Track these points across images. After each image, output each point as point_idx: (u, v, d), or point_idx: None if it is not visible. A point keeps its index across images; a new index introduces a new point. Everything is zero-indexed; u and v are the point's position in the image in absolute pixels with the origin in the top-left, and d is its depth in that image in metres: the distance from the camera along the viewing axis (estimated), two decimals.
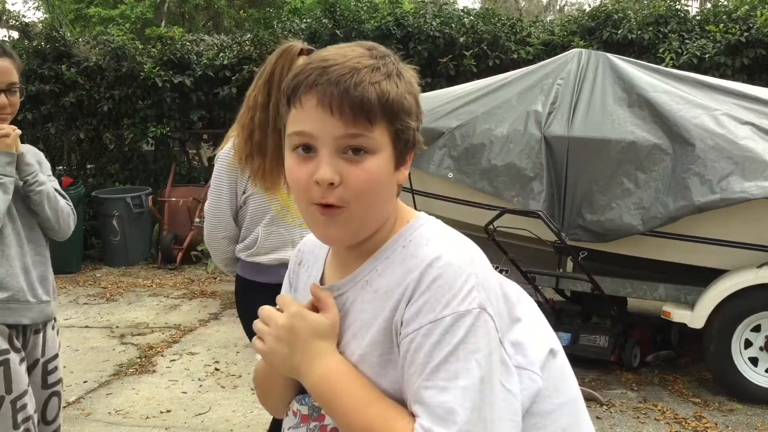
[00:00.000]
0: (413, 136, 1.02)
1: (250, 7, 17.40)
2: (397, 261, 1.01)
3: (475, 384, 0.92)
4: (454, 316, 0.93)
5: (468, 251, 1.00)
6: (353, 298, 1.05)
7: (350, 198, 0.97)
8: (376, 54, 1.00)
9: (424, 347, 0.94)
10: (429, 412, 0.92)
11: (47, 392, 2.37)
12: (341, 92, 0.94)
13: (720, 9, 8.38)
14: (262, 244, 2.47)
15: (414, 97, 1.03)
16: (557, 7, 22.71)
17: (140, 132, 9.21)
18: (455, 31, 8.54)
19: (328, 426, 1.05)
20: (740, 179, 4.02)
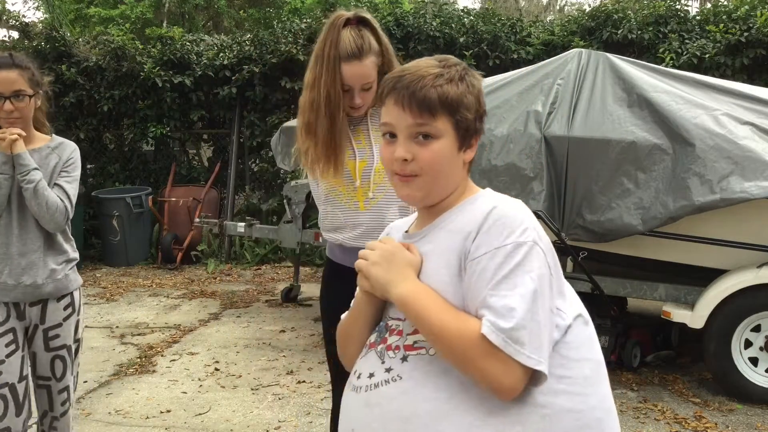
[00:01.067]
0: (474, 125, 1.36)
1: (250, 7, 17.40)
2: (466, 211, 1.34)
3: (530, 293, 1.20)
4: (515, 245, 1.23)
5: (525, 208, 1.31)
6: (431, 238, 1.37)
7: (420, 170, 1.33)
8: (444, 64, 1.36)
9: (490, 267, 1.23)
10: (493, 312, 1.19)
11: (51, 354, 2.68)
12: (410, 94, 1.31)
13: (720, 9, 8.39)
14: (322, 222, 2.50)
15: (474, 95, 1.35)
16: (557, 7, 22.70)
17: (140, 132, 9.21)
18: (455, 31, 8.54)
19: (392, 344, 1.33)
20: (740, 179, 4.02)
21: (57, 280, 2.68)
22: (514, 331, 1.17)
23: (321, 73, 2.31)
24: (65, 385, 2.73)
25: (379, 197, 2.40)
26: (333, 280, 2.59)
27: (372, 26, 2.36)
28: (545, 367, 1.19)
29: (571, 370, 1.27)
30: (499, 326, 1.18)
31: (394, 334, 1.34)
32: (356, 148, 2.43)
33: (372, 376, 1.33)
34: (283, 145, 5.88)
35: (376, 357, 1.35)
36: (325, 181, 2.44)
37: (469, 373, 1.22)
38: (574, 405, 1.25)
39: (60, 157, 2.71)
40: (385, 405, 1.28)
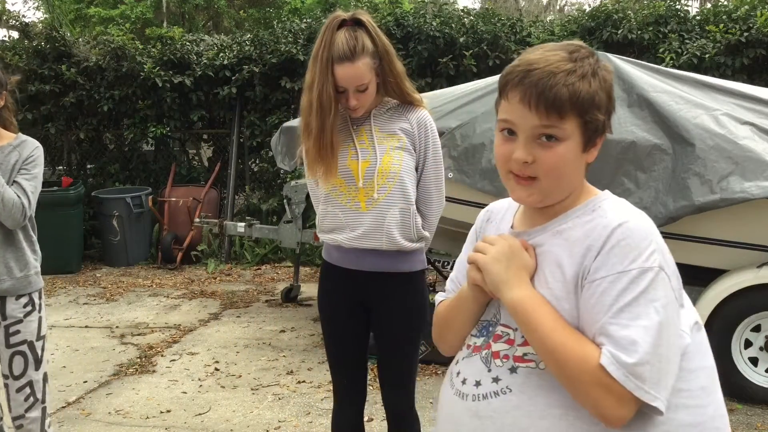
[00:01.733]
0: (602, 125, 1.26)
1: (250, 7, 17.39)
2: (587, 219, 1.25)
3: (654, 326, 1.13)
4: (639, 270, 1.15)
5: (650, 223, 1.22)
6: (543, 243, 1.28)
7: (541, 174, 1.23)
8: (575, 57, 1.22)
9: (612, 292, 1.15)
10: (614, 343, 1.13)
11: (10, 351, 2.72)
12: (539, 93, 1.19)
13: (720, 9, 8.38)
14: (321, 222, 2.50)
15: (606, 92, 1.25)
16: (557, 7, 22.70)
17: (140, 132, 9.20)
18: (455, 31, 8.54)
19: (500, 352, 1.27)
20: (740, 179, 4.02)
21: (16, 278, 2.71)
22: (636, 366, 1.11)
23: (316, 75, 2.32)
24: (26, 382, 2.73)
25: (381, 198, 2.40)
26: (330, 283, 2.59)
27: (367, 27, 2.35)
28: (661, 403, 1.14)
29: (689, 383, 1.22)
30: (621, 360, 1.12)
31: (501, 341, 1.28)
32: (359, 149, 2.42)
33: (479, 384, 1.27)
34: (283, 145, 5.88)
35: (482, 363, 1.29)
36: (329, 179, 2.44)
37: (577, 397, 1.17)
38: (694, 418, 1.21)
39: (20, 155, 2.72)
40: (498, 419, 1.23)
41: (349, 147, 2.43)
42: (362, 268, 2.47)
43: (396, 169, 2.40)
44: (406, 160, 2.43)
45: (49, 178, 9.70)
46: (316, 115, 2.33)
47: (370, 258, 2.45)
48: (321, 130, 2.33)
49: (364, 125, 2.45)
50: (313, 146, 2.37)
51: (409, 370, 2.59)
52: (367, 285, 2.49)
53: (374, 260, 2.45)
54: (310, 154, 2.40)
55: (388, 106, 2.49)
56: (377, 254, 2.44)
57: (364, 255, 2.44)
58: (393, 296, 2.50)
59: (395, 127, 2.45)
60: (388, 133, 2.44)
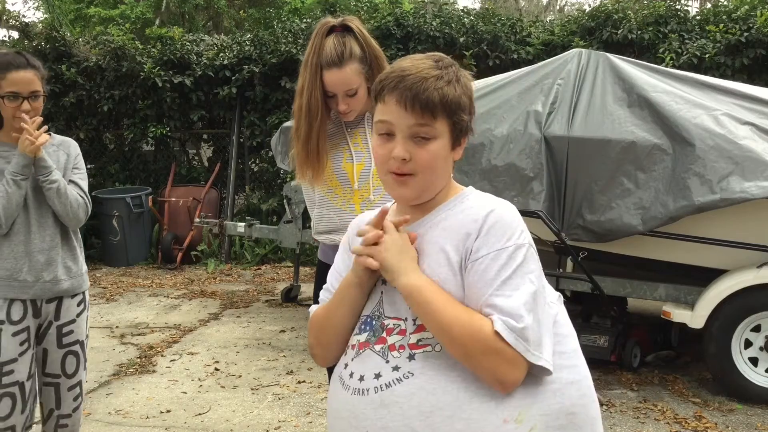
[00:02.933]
0: (466, 126, 1.39)
1: (250, 7, 17.39)
2: (460, 210, 1.39)
3: (531, 293, 1.28)
4: (515, 246, 1.30)
5: (514, 208, 1.37)
6: (424, 234, 1.39)
7: (418, 170, 1.35)
8: (441, 65, 1.37)
9: (493, 267, 1.29)
10: (501, 311, 1.26)
11: (63, 351, 2.70)
12: (413, 95, 1.32)
13: (720, 9, 8.39)
14: (316, 225, 2.53)
15: (468, 96, 1.39)
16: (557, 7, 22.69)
17: (140, 132, 9.21)
18: (455, 31, 8.54)
19: (395, 344, 1.34)
20: (740, 179, 4.02)
21: (73, 277, 2.72)
22: (524, 330, 1.25)
23: (306, 80, 2.37)
24: (77, 381, 2.74)
25: (376, 200, 2.42)
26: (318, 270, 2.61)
27: (356, 33, 2.38)
28: (546, 362, 1.27)
29: (565, 345, 1.37)
30: (512, 325, 1.25)
31: (395, 333, 1.35)
32: (353, 151, 2.44)
33: (379, 376, 1.32)
34: (283, 145, 5.88)
35: (378, 357, 1.34)
36: (320, 183, 2.46)
37: (474, 367, 1.27)
38: (573, 376, 1.35)
39: (68, 155, 2.75)
40: (404, 403, 1.28)
41: (344, 150, 2.45)
42: None
43: None
44: None
45: None
46: (304, 119, 2.38)
47: None
48: (308, 135, 2.38)
49: (358, 128, 2.48)
50: (301, 150, 2.41)
51: None
52: None
53: None
54: (299, 158, 2.43)
55: None
56: None
57: None
58: None
59: None
60: None
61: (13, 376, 2.57)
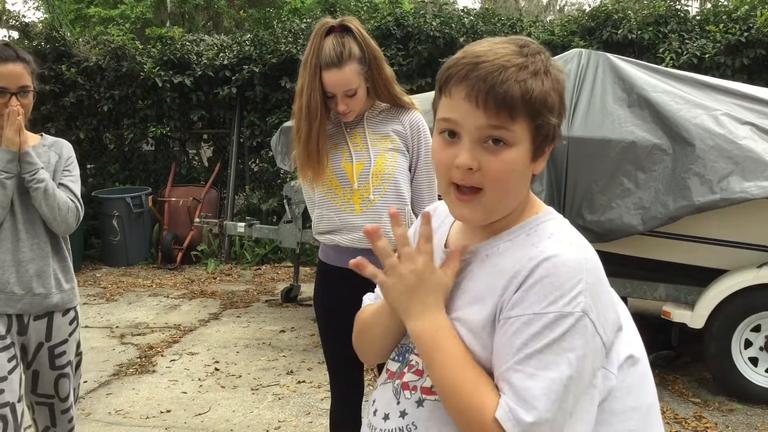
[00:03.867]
0: (553, 131, 1.10)
1: (250, 7, 17.39)
2: (519, 245, 1.10)
3: (563, 379, 0.99)
4: (557, 315, 1.01)
5: (585, 254, 1.07)
6: (473, 268, 1.14)
7: (486, 183, 1.07)
8: (526, 52, 1.08)
9: (523, 334, 1.02)
10: (515, 393, 1.01)
11: (56, 373, 2.52)
12: (488, 88, 1.04)
13: (720, 9, 8.39)
14: (317, 226, 2.54)
15: (558, 93, 1.10)
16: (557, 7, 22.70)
17: (140, 132, 9.21)
18: (455, 31, 8.54)
19: (409, 383, 1.16)
20: (740, 179, 4.02)
21: (63, 291, 2.52)
22: (533, 426, 0.99)
23: (305, 81, 2.37)
24: (69, 404, 2.58)
25: (376, 200, 2.42)
26: (327, 285, 2.60)
27: (355, 34, 2.38)
28: None
29: (614, 426, 1.10)
30: (518, 416, 1.00)
31: (412, 371, 1.17)
32: (353, 151, 2.45)
33: (387, 418, 1.17)
34: (283, 145, 5.88)
35: (392, 394, 1.19)
36: (321, 183, 2.47)
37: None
38: None
39: (60, 156, 2.55)
40: None
41: (344, 150, 2.46)
42: None
43: (390, 170, 2.44)
44: (400, 161, 2.47)
45: None
46: (304, 120, 2.38)
47: (368, 257, 2.46)
48: (308, 136, 2.39)
49: (357, 128, 2.49)
50: (302, 151, 2.42)
51: None
52: (365, 284, 2.50)
53: (372, 260, 2.46)
54: (299, 159, 2.44)
55: (381, 108, 2.53)
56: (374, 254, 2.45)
57: (362, 255, 2.46)
58: None
59: (388, 128, 2.49)
60: (381, 135, 2.49)
61: (3, 396, 2.32)
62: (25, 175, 2.38)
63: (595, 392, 1.07)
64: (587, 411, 1.06)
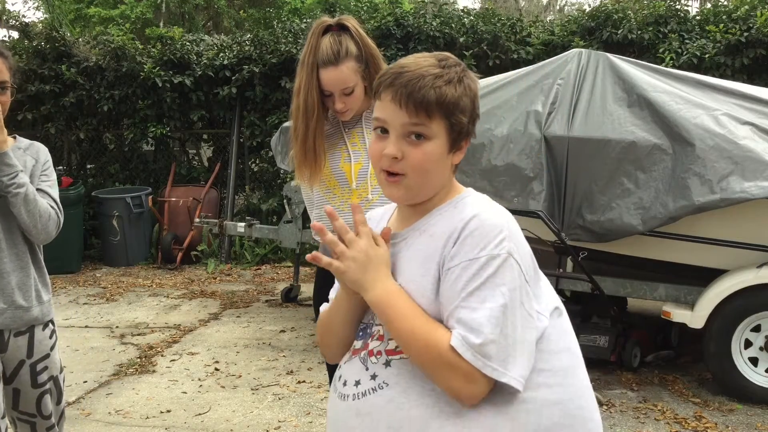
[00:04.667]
0: (466, 129, 1.34)
1: (250, 7, 17.39)
2: (448, 216, 1.33)
3: (500, 307, 1.22)
4: (488, 257, 1.24)
5: (503, 215, 1.30)
6: (412, 242, 1.35)
7: (408, 170, 1.31)
8: (444, 64, 1.32)
9: (462, 278, 1.24)
10: (462, 324, 1.22)
11: (38, 391, 2.38)
12: (408, 92, 1.28)
13: (720, 9, 8.39)
14: None
15: (470, 98, 1.34)
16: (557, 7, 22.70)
17: (140, 132, 9.21)
18: (455, 31, 8.54)
19: (374, 349, 1.34)
20: (740, 179, 4.02)
21: (43, 303, 2.38)
22: (482, 346, 1.20)
23: (303, 80, 2.38)
24: (54, 422, 2.43)
25: (375, 199, 2.43)
26: (327, 284, 2.60)
27: (352, 32, 2.39)
28: (512, 380, 1.22)
29: (550, 363, 1.29)
30: (469, 341, 1.20)
31: (375, 338, 1.35)
32: (351, 151, 2.45)
33: (358, 383, 1.33)
34: (283, 145, 5.87)
35: (360, 364, 1.35)
36: (319, 183, 2.47)
37: (433, 380, 1.25)
38: (556, 396, 1.28)
39: (37, 160, 2.37)
40: (375, 414, 1.29)
41: (342, 150, 2.47)
42: None
43: None
44: None
45: None
46: (302, 119, 2.39)
47: None
48: (305, 134, 2.39)
49: (355, 128, 2.49)
50: (299, 150, 2.42)
51: None
52: None
53: None
54: (297, 158, 2.44)
55: None
56: None
57: None
58: None
59: None
60: None
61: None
62: (3, 178, 2.18)
63: (533, 328, 1.27)
64: (529, 341, 1.26)
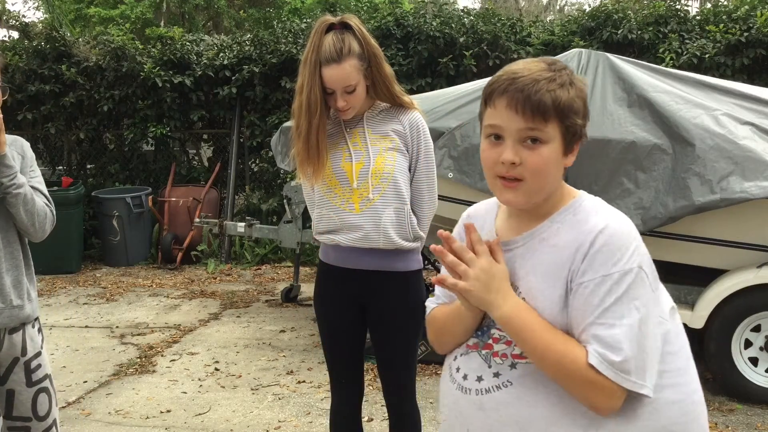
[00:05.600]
0: (579, 131, 1.36)
1: (250, 7, 17.39)
2: (570, 224, 1.35)
3: (636, 323, 1.25)
4: (621, 273, 1.27)
5: (627, 223, 1.34)
6: (533, 250, 1.37)
7: (527, 175, 1.33)
8: (554, 68, 1.35)
9: (597, 294, 1.26)
10: (600, 341, 1.25)
11: (34, 389, 2.34)
12: (525, 97, 1.30)
13: (720, 9, 8.39)
14: (316, 225, 2.54)
15: (582, 100, 1.36)
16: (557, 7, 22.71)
17: (140, 132, 9.20)
18: (455, 31, 8.53)
19: (499, 351, 1.38)
20: (740, 179, 4.02)
21: (32, 301, 2.36)
22: (623, 363, 1.24)
23: (305, 78, 2.38)
24: (51, 422, 2.37)
25: (376, 199, 2.42)
26: (327, 283, 2.60)
27: (355, 31, 2.39)
28: (648, 390, 1.27)
29: (670, 364, 1.34)
30: (609, 359, 1.24)
31: (501, 342, 1.39)
32: (352, 150, 2.45)
33: (480, 379, 1.39)
34: (283, 145, 5.88)
35: (482, 360, 1.41)
36: (320, 182, 2.47)
37: (570, 392, 1.29)
38: (677, 396, 1.34)
39: (24, 156, 2.35)
40: (502, 410, 1.35)
41: (343, 149, 2.46)
42: (360, 267, 2.48)
43: (389, 170, 2.43)
44: (399, 160, 2.46)
45: (49, 178, 9.71)
46: (304, 116, 2.39)
47: (368, 257, 2.47)
48: (308, 132, 2.40)
49: (357, 128, 2.49)
50: (302, 147, 2.42)
51: (409, 369, 2.60)
52: (365, 284, 2.51)
53: (372, 259, 2.47)
54: (299, 156, 2.44)
55: (381, 108, 2.52)
56: (375, 253, 2.46)
57: (363, 254, 2.47)
58: (391, 295, 2.51)
59: (388, 128, 2.49)
60: (381, 134, 2.48)
61: None
62: (3, 179, 2.19)
63: (661, 334, 1.33)
64: (658, 348, 1.31)
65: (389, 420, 2.68)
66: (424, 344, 4.59)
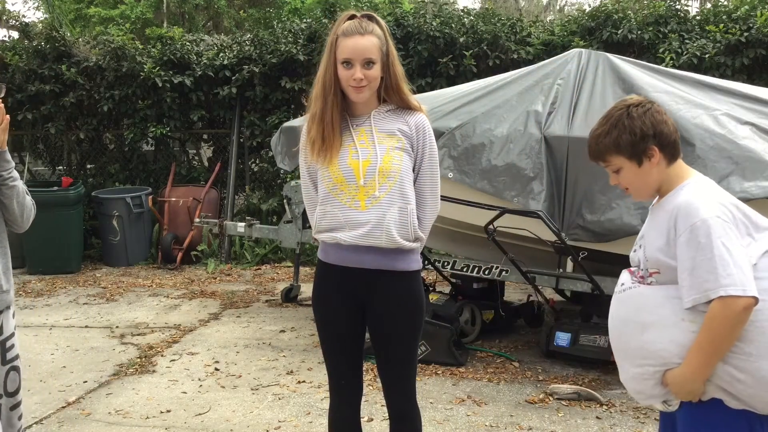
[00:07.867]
0: (639, 147, 2.04)
1: (250, 7, 17.39)
2: (670, 200, 2.02)
3: (725, 255, 1.85)
4: (691, 228, 1.90)
5: (703, 195, 1.96)
6: (655, 214, 2.09)
7: (628, 188, 2.13)
8: (606, 120, 2.08)
9: (688, 245, 1.90)
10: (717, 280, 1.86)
11: (7, 367, 2.52)
12: (588, 153, 2.17)
13: (720, 9, 8.39)
14: (319, 223, 2.52)
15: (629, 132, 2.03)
16: (557, 7, 22.71)
17: (140, 132, 9.21)
18: (455, 31, 8.54)
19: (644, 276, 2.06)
20: (740, 179, 4.02)
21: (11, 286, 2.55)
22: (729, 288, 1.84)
23: (324, 61, 2.43)
24: (19, 400, 2.56)
25: (382, 197, 2.42)
26: (326, 283, 2.59)
27: (378, 21, 2.47)
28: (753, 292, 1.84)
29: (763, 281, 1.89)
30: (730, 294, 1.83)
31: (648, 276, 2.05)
32: (359, 148, 2.44)
33: (623, 285, 2.07)
34: (283, 145, 5.88)
35: (629, 276, 2.09)
36: (326, 179, 2.46)
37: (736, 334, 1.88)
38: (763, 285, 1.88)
39: None
40: (628, 301, 2.04)
41: (350, 146, 2.45)
42: (360, 266, 2.47)
43: (396, 169, 2.43)
44: (405, 160, 2.46)
45: (49, 178, 9.72)
46: (320, 95, 2.43)
47: (368, 255, 2.46)
48: (323, 109, 2.42)
49: (364, 125, 2.48)
50: (317, 127, 2.43)
51: (409, 369, 2.59)
52: (365, 283, 2.50)
53: (373, 258, 2.46)
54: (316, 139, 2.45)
55: (388, 107, 2.52)
56: (376, 251, 2.45)
57: (363, 252, 2.46)
58: (391, 295, 2.51)
59: (394, 127, 2.49)
60: (388, 133, 2.48)
61: None
62: (3, 173, 2.37)
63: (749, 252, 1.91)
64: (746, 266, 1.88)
65: (389, 420, 2.68)
66: (423, 344, 4.59)
